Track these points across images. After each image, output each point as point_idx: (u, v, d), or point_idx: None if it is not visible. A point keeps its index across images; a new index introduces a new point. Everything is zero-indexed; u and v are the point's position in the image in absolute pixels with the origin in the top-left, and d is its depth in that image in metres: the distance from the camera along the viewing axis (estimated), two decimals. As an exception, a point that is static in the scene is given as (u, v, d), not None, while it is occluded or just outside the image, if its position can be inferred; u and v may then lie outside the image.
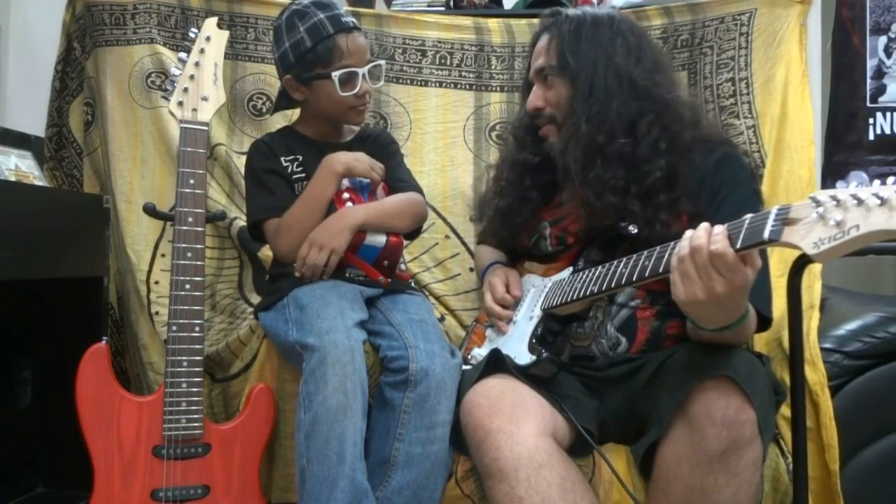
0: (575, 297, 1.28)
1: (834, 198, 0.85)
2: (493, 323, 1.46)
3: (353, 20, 1.50)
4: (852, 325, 1.48)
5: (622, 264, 1.19)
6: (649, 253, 1.14)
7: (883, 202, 0.81)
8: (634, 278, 1.14)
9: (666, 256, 1.09)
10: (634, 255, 1.17)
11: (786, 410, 1.33)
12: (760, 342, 1.52)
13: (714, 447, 1.07)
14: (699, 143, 1.36)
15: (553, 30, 1.42)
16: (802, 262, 1.28)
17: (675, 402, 1.12)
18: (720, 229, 1.01)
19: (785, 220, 0.91)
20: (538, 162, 1.45)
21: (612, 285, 1.19)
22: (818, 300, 1.53)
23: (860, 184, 0.87)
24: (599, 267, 1.25)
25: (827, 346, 1.45)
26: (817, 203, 0.86)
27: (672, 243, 1.09)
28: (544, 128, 1.43)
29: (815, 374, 1.38)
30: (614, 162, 1.32)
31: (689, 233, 1.04)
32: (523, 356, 1.31)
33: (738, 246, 0.97)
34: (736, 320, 1.12)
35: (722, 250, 0.98)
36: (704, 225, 1.03)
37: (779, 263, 1.60)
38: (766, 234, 0.92)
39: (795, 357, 1.30)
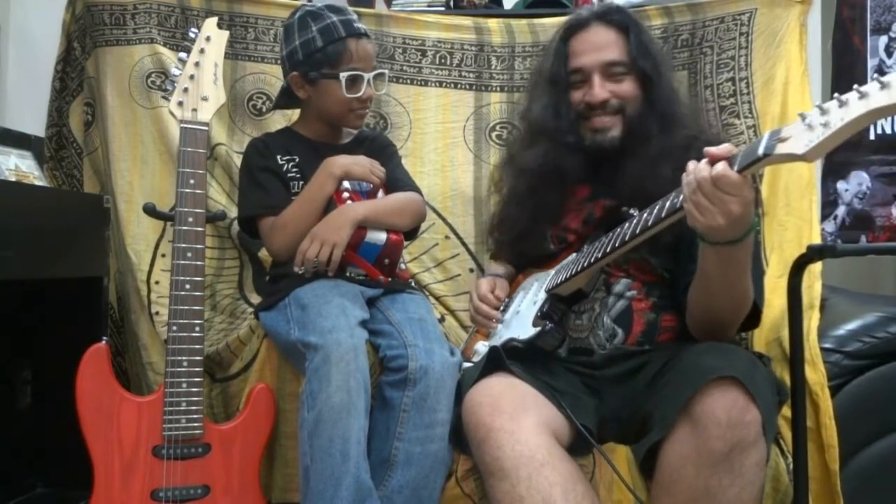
0: (579, 269, 1.30)
1: (819, 107, 0.92)
2: (480, 323, 1.48)
3: (365, 27, 1.52)
4: (852, 325, 1.48)
5: (622, 227, 1.22)
6: (650, 209, 1.18)
7: (862, 95, 0.88)
8: (638, 231, 1.17)
9: (667, 204, 1.14)
10: (634, 218, 1.21)
11: (786, 410, 1.33)
12: (760, 342, 1.52)
13: (719, 448, 1.07)
14: (699, 143, 1.38)
15: (618, 26, 1.44)
16: (802, 261, 1.28)
17: (678, 402, 1.12)
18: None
19: (778, 139, 0.97)
20: (577, 163, 1.44)
21: (617, 245, 1.21)
22: (818, 300, 1.53)
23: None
24: (602, 237, 1.28)
25: (827, 346, 1.44)
26: (804, 118, 0.94)
27: (670, 194, 1.15)
28: (605, 119, 1.42)
29: (815, 374, 1.38)
30: (668, 151, 1.36)
31: (691, 165, 1.09)
32: (528, 331, 1.32)
33: (737, 168, 1.03)
34: (747, 230, 1.14)
35: (723, 171, 1.04)
36: (704, 159, 1.08)
37: (778, 264, 1.60)
38: (761, 150, 0.99)
39: (795, 357, 1.30)
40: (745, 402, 1.08)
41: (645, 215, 1.18)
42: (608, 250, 1.24)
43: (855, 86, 0.89)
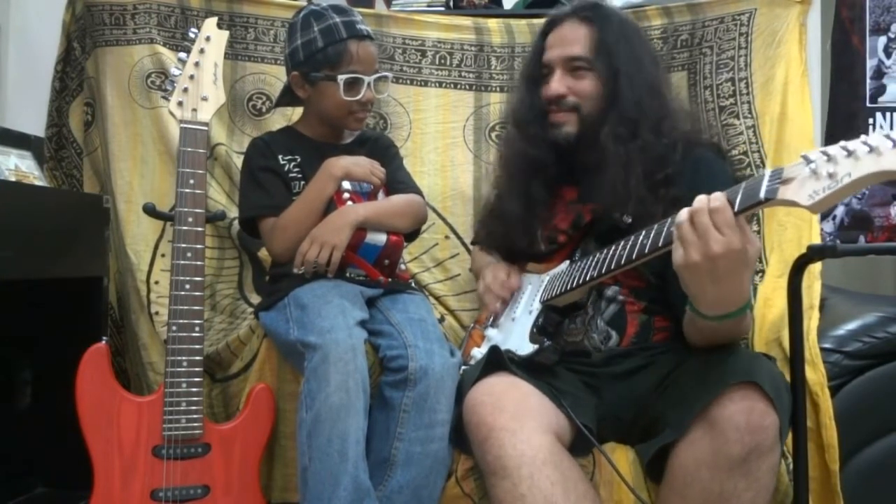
0: (574, 285, 1.29)
1: (824, 153, 0.87)
2: (485, 302, 1.48)
3: (368, 29, 1.51)
4: (852, 325, 1.49)
5: (619, 247, 1.20)
6: (647, 231, 1.15)
7: (872, 150, 0.83)
8: (634, 256, 1.15)
9: (665, 231, 1.10)
10: (632, 237, 1.18)
11: (786, 411, 1.33)
12: (760, 342, 1.52)
13: (736, 452, 1.06)
14: (692, 146, 1.40)
15: (590, 22, 1.43)
16: (803, 261, 1.28)
17: (696, 405, 1.11)
18: (719, 193, 1.02)
19: (780, 180, 0.93)
20: (546, 156, 1.46)
21: (612, 267, 1.19)
22: (818, 300, 1.53)
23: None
24: (597, 253, 1.26)
25: (827, 346, 1.45)
26: (808, 160, 0.89)
27: (668, 219, 1.10)
28: (560, 115, 1.43)
29: (815, 374, 1.38)
30: (634, 159, 1.35)
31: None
32: (525, 347, 1.32)
33: (737, 209, 0.98)
34: (737, 308, 1.10)
35: (721, 206, 0.99)
36: (701, 195, 1.03)
37: (778, 263, 1.60)
38: (762, 194, 0.94)
39: (795, 357, 1.30)
40: (764, 407, 1.08)
41: (641, 240, 1.15)
42: (604, 270, 1.22)
43: (863, 136, 0.85)
